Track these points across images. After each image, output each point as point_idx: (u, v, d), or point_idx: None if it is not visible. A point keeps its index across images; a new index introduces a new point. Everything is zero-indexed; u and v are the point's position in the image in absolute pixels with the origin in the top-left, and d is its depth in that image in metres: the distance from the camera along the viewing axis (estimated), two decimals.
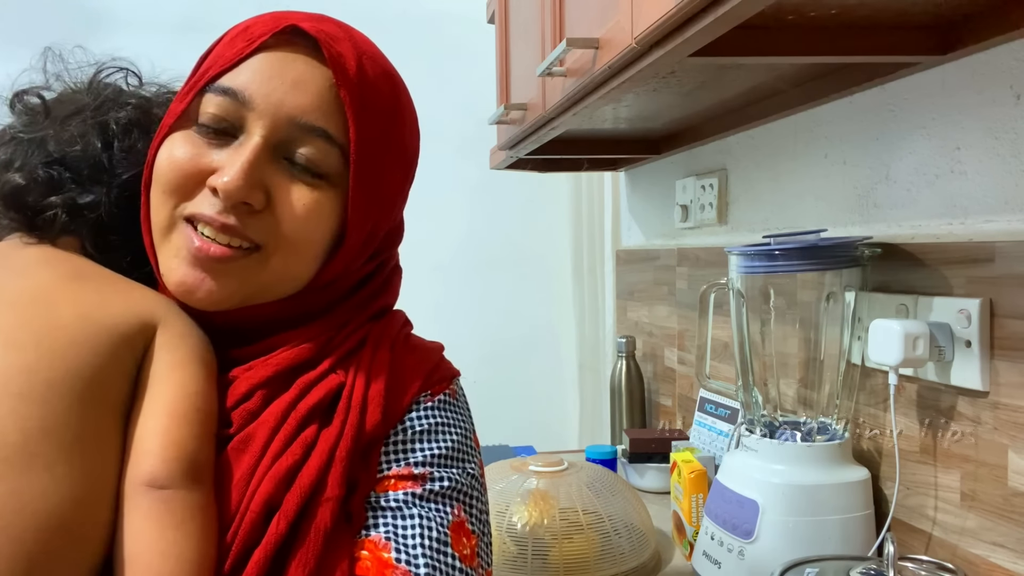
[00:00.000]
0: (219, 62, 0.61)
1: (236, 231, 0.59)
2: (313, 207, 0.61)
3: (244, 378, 0.61)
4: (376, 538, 0.59)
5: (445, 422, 0.66)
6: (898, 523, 0.90)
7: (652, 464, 1.37)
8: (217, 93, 0.60)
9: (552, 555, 0.99)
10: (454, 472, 0.64)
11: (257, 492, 0.56)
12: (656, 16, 0.67)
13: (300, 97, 0.59)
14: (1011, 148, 0.78)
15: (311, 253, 0.63)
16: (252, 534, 0.55)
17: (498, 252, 2.23)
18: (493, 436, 1.94)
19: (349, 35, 0.63)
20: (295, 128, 0.60)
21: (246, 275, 0.61)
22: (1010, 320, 0.76)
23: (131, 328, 0.57)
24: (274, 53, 0.60)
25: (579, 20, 0.97)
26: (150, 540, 0.52)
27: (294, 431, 0.59)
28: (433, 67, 2.11)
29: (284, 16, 0.61)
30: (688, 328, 1.51)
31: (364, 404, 0.61)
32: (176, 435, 0.55)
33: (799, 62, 0.91)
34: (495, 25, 1.48)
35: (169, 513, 0.53)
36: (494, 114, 1.34)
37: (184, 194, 0.60)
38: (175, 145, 0.61)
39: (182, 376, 0.57)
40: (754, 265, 0.98)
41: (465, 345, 2.16)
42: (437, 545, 0.59)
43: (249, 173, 0.58)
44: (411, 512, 0.60)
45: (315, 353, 0.63)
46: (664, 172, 1.62)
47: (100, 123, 0.65)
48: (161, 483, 0.53)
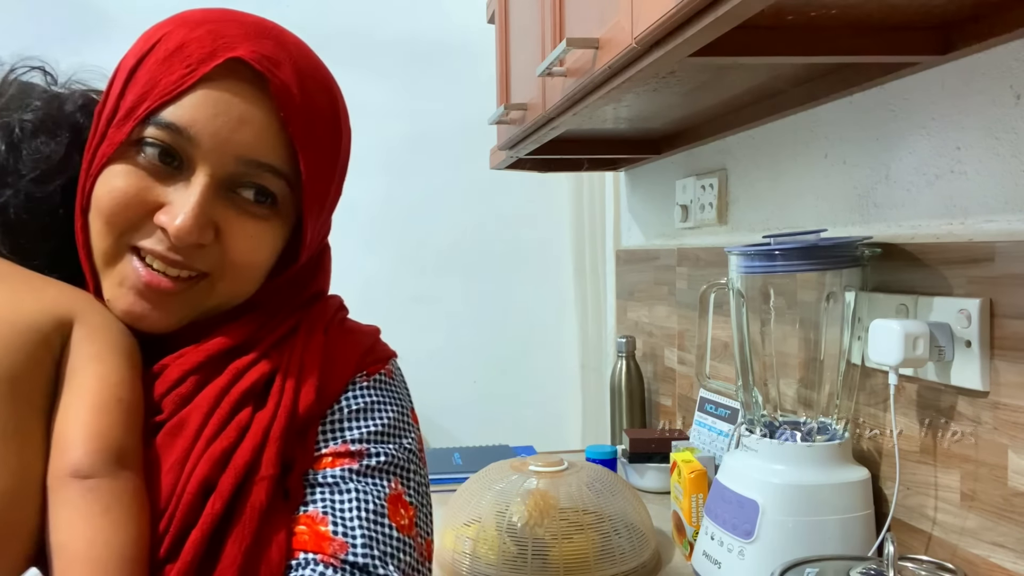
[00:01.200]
0: (157, 89, 0.59)
1: (184, 265, 0.60)
2: (259, 237, 0.63)
3: (175, 365, 0.62)
4: (313, 512, 0.60)
5: (380, 400, 0.67)
6: (898, 523, 0.90)
7: (652, 464, 1.37)
8: (160, 127, 0.59)
9: (552, 555, 0.99)
10: (390, 448, 0.65)
11: (193, 474, 0.57)
12: (656, 16, 0.67)
13: (247, 134, 0.60)
14: (1011, 148, 0.78)
15: (257, 276, 0.65)
16: (188, 516, 0.56)
17: (498, 252, 2.23)
18: (493, 436, 1.94)
19: (288, 53, 0.62)
20: (241, 164, 0.60)
21: (193, 302, 0.62)
22: (1010, 320, 0.76)
23: (46, 326, 0.57)
24: (217, 86, 0.59)
25: (579, 20, 0.97)
26: (77, 529, 0.53)
27: (228, 414, 0.60)
28: (433, 67, 2.11)
29: (222, 38, 0.60)
30: (688, 328, 1.51)
31: (298, 386, 0.62)
32: (98, 426, 0.55)
33: (799, 62, 0.91)
34: (495, 25, 1.48)
35: (95, 501, 0.53)
36: (494, 114, 1.34)
37: (129, 227, 0.60)
38: (117, 176, 0.60)
39: (101, 368, 0.58)
40: (754, 265, 0.98)
41: (465, 345, 2.19)
42: (374, 516, 0.61)
43: (199, 216, 0.59)
44: (348, 487, 0.62)
45: (248, 338, 0.64)
46: (664, 172, 1.62)
47: (3, 124, 0.64)
48: (85, 473, 0.54)
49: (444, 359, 2.13)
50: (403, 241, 2.15)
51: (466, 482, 1.13)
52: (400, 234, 2.14)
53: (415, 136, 2.12)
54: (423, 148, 2.13)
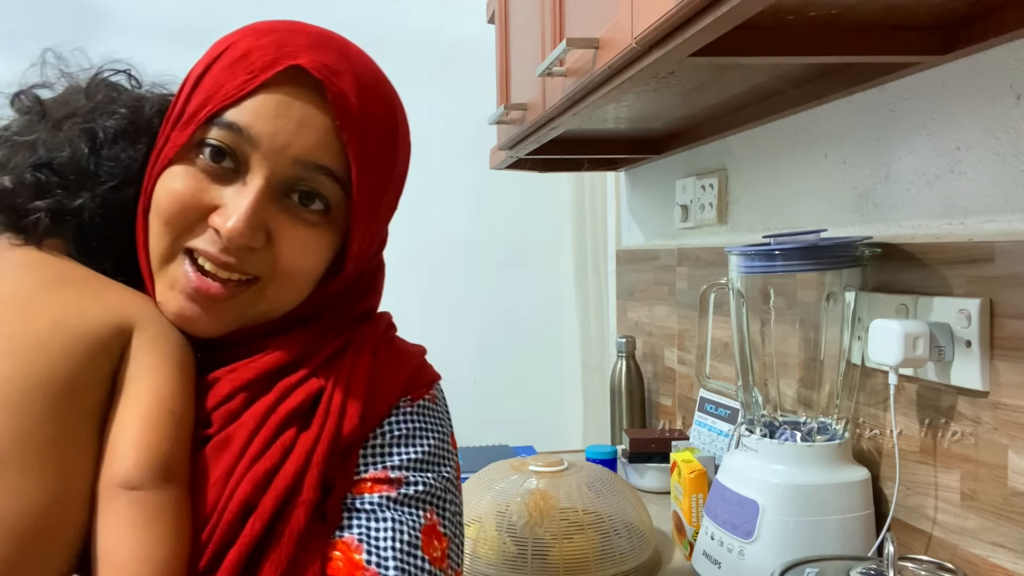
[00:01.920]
0: (220, 93, 0.60)
1: (235, 267, 0.61)
2: (310, 244, 0.63)
3: (227, 380, 0.62)
4: (349, 539, 0.61)
5: (423, 427, 0.67)
6: (898, 523, 0.90)
7: (652, 464, 1.37)
8: (221, 127, 0.60)
9: (552, 555, 0.99)
10: (429, 476, 0.65)
11: (235, 493, 0.57)
12: (656, 16, 0.67)
13: (305, 137, 0.60)
14: (1011, 148, 0.78)
15: (306, 283, 0.65)
16: (228, 534, 0.57)
17: (498, 252, 2.23)
18: (493, 436, 1.94)
19: (350, 64, 0.63)
20: (299, 167, 0.61)
21: (242, 307, 0.63)
22: (1010, 320, 0.76)
23: (107, 333, 0.58)
24: (278, 91, 0.60)
25: (579, 20, 0.97)
26: (122, 539, 0.54)
27: (273, 434, 0.60)
28: (433, 67, 2.11)
29: (285, 47, 0.61)
30: (688, 328, 1.51)
31: (343, 409, 0.63)
32: (149, 437, 0.56)
33: (799, 62, 0.91)
34: (495, 25, 1.48)
35: (141, 513, 0.54)
36: (494, 114, 1.34)
37: (185, 228, 0.61)
38: (176, 178, 0.61)
39: (156, 379, 0.58)
40: (754, 265, 0.98)
41: (466, 345, 2.19)
42: (408, 548, 0.61)
43: (252, 218, 0.59)
44: (384, 515, 0.62)
45: (297, 357, 0.64)
46: (664, 172, 1.62)
47: (88, 129, 0.65)
48: (134, 484, 0.55)
49: (444, 359, 2.13)
50: (403, 241, 2.13)
51: (466, 482, 1.13)
52: (400, 234, 2.13)
53: (415, 136, 2.11)
54: (423, 148, 2.12)
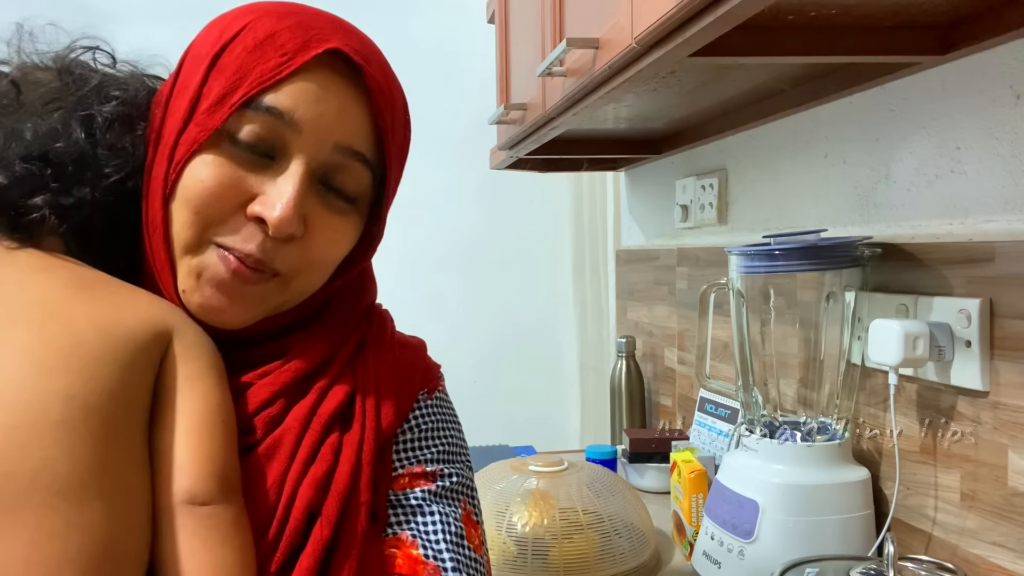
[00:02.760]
0: (252, 76, 0.57)
1: (267, 264, 0.59)
2: (340, 233, 0.62)
3: (262, 384, 0.61)
4: (404, 536, 0.63)
5: (444, 418, 0.70)
6: (898, 523, 0.90)
7: (652, 464, 1.37)
8: (260, 112, 0.57)
9: (552, 555, 0.99)
10: (459, 467, 0.68)
11: (297, 498, 0.57)
12: (656, 16, 0.67)
13: (346, 122, 0.59)
14: (1011, 148, 0.78)
15: (328, 272, 0.64)
16: (295, 540, 0.56)
17: (498, 252, 2.23)
18: (493, 436, 1.94)
19: (373, 52, 0.63)
20: (338, 153, 0.59)
21: (267, 298, 0.61)
22: (1010, 320, 0.76)
23: (148, 339, 0.54)
24: (317, 75, 0.58)
25: (579, 20, 0.97)
26: (201, 558, 0.52)
27: (319, 437, 0.60)
28: (433, 67, 2.11)
29: (312, 30, 0.59)
30: (688, 328, 1.51)
31: (378, 407, 0.64)
32: (208, 449, 0.54)
33: (799, 62, 0.91)
34: (495, 25, 1.48)
35: (214, 529, 0.53)
36: (494, 114, 1.34)
37: (218, 219, 0.58)
38: (207, 166, 0.57)
39: (203, 388, 0.56)
40: (754, 265, 0.98)
41: (465, 345, 2.19)
42: (456, 540, 0.64)
43: (299, 206, 0.57)
44: (431, 510, 0.64)
45: (325, 357, 0.64)
46: (664, 172, 1.62)
47: (85, 117, 0.60)
48: (201, 499, 0.53)
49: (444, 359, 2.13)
50: (403, 241, 2.14)
51: None
52: (400, 234, 2.13)
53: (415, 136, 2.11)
54: (423, 148, 2.12)
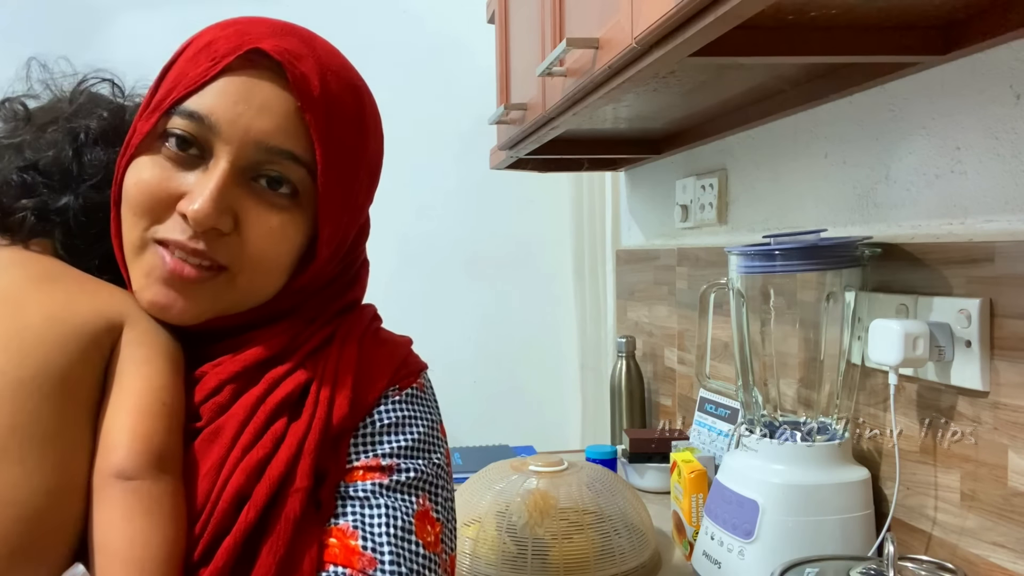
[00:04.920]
0: (183, 82, 0.61)
1: (204, 255, 0.61)
2: (279, 229, 0.63)
3: (213, 373, 0.63)
4: (344, 526, 0.62)
5: (412, 415, 0.68)
6: (898, 523, 0.90)
7: (652, 464, 1.37)
8: (183, 116, 0.61)
9: (552, 555, 0.99)
10: (420, 463, 0.66)
11: (228, 483, 0.58)
12: (656, 16, 0.67)
13: (266, 121, 0.60)
14: (1011, 148, 0.78)
15: (277, 271, 0.65)
16: (223, 523, 0.57)
17: (498, 252, 2.23)
18: (493, 436, 1.94)
19: (312, 50, 0.63)
20: (262, 151, 0.61)
21: (215, 294, 0.63)
22: (1010, 320, 0.76)
23: (98, 328, 0.59)
24: (239, 76, 0.61)
25: (579, 20, 0.97)
26: (119, 528, 0.55)
27: (263, 424, 0.61)
28: (433, 67, 2.11)
29: (248, 35, 0.62)
30: (688, 328, 1.51)
31: (332, 398, 0.64)
32: (143, 428, 0.57)
33: (799, 62, 0.91)
34: (495, 25, 1.48)
35: (137, 502, 0.55)
36: (494, 114, 1.34)
37: (154, 217, 0.62)
38: (143, 168, 0.62)
39: (148, 371, 0.60)
40: (754, 265, 0.98)
41: (465, 345, 2.20)
42: (402, 534, 0.62)
43: (218, 200, 0.60)
44: (378, 502, 0.63)
45: (283, 348, 0.65)
46: (664, 172, 1.62)
47: (71, 130, 0.67)
48: (129, 474, 0.56)
49: (444, 359, 2.13)
50: (403, 241, 2.15)
51: (466, 482, 1.13)
52: (400, 234, 2.14)
53: (415, 136, 2.12)
54: (423, 148, 2.13)
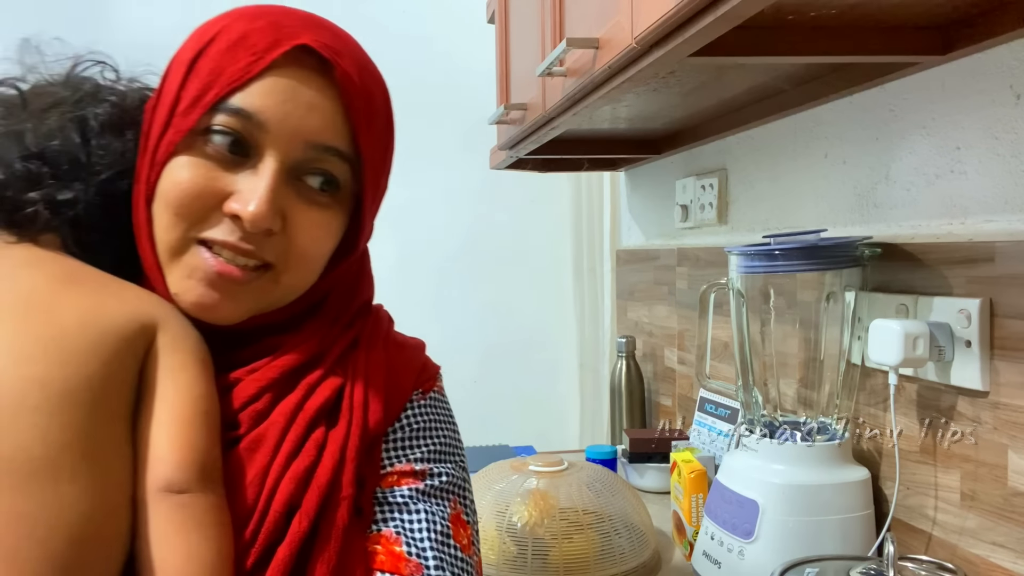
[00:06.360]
0: (223, 78, 0.59)
1: (253, 254, 0.60)
2: (324, 227, 0.63)
3: (250, 380, 0.62)
4: (387, 533, 0.63)
5: (438, 418, 0.70)
6: (898, 523, 0.90)
7: (652, 464, 1.37)
8: (230, 114, 0.59)
9: (552, 555, 0.99)
10: (449, 467, 0.68)
11: (277, 492, 0.58)
12: (656, 16, 0.67)
13: (315, 119, 0.60)
14: (1011, 148, 0.78)
15: (318, 267, 0.65)
16: (273, 533, 0.57)
17: (498, 252, 2.23)
18: (493, 436, 1.94)
19: (346, 44, 0.63)
20: (310, 149, 0.60)
21: (260, 293, 0.62)
22: (1010, 320, 0.76)
23: (132, 332, 0.56)
24: (286, 73, 0.59)
25: (579, 20, 0.97)
26: (174, 545, 0.53)
27: (304, 432, 0.61)
28: (433, 67, 2.11)
29: (283, 28, 0.60)
30: (688, 328, 1.51)
31: (366, 404, 0.64)
32: (187, 439, 0.55)
33: (799, 62, 0.91)
34: (495, 25, 1.48)
35: (190, 517, 0.54)
36: (494, 114, 1.34)
37: (198, 218, 0.59)
38: (184, 167, 0.59)
39: (186, 379, 0.57)
40: (754, 265, 0.98)
41: (465, 345, 2.19)
42: (441, 538, 0.64)
43: (272, 201, 0.59)
44: (416, 507, 0.64)
45: (315, 353, 0.65)
46: (664, 172, 1.62)
47: (78, 118, 0.63)
48: (179, 487, 0.54)
49: (444, 359, 2.13)
50: (403, 241, 2.14)
51: None
52: (400, 234, 2.14)
53: (415, 136, 2.11)
54: (423, 148, 2.13)
